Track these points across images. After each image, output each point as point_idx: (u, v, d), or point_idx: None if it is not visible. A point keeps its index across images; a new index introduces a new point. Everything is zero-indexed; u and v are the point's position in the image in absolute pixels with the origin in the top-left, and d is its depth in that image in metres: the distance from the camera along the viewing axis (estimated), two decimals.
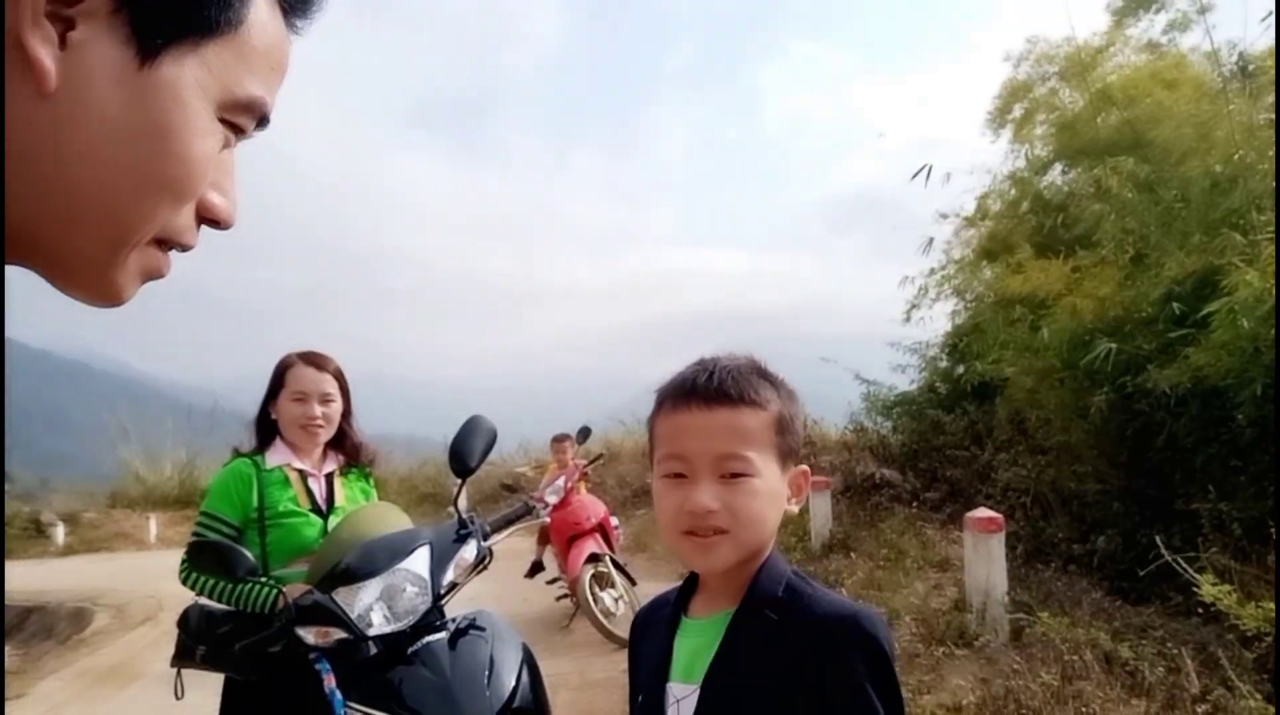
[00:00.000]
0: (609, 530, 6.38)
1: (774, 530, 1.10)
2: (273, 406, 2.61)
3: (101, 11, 0.47)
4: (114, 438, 17.29)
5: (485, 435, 2.28)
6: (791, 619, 1.05)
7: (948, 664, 4.45)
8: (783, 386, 1.13)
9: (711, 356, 1.14)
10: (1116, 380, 6.01)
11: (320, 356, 2.65)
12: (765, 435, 1.07)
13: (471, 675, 2.10)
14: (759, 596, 1.08)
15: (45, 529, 14.94)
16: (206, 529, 2.43)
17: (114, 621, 8.50)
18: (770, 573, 1.10)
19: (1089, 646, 4.04)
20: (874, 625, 1.03)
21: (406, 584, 2.10)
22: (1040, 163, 9.24)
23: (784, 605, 1.07)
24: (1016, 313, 7.34)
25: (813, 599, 1.07)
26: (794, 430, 1.11)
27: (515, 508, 2.67)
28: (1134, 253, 6.53)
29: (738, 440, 1.06)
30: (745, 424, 1.06)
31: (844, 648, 1.01)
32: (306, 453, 2.62)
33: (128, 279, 0.54)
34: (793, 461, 1.11)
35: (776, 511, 1.10)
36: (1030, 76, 9.24)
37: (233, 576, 2.13)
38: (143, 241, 0.53)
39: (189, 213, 0.55)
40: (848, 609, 1.05)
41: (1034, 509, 7.09)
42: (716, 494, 1.05)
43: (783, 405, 1.10)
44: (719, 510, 1.05)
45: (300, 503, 2.54)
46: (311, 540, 2.50)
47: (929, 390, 10.50)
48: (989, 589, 4.87)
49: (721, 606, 1.12)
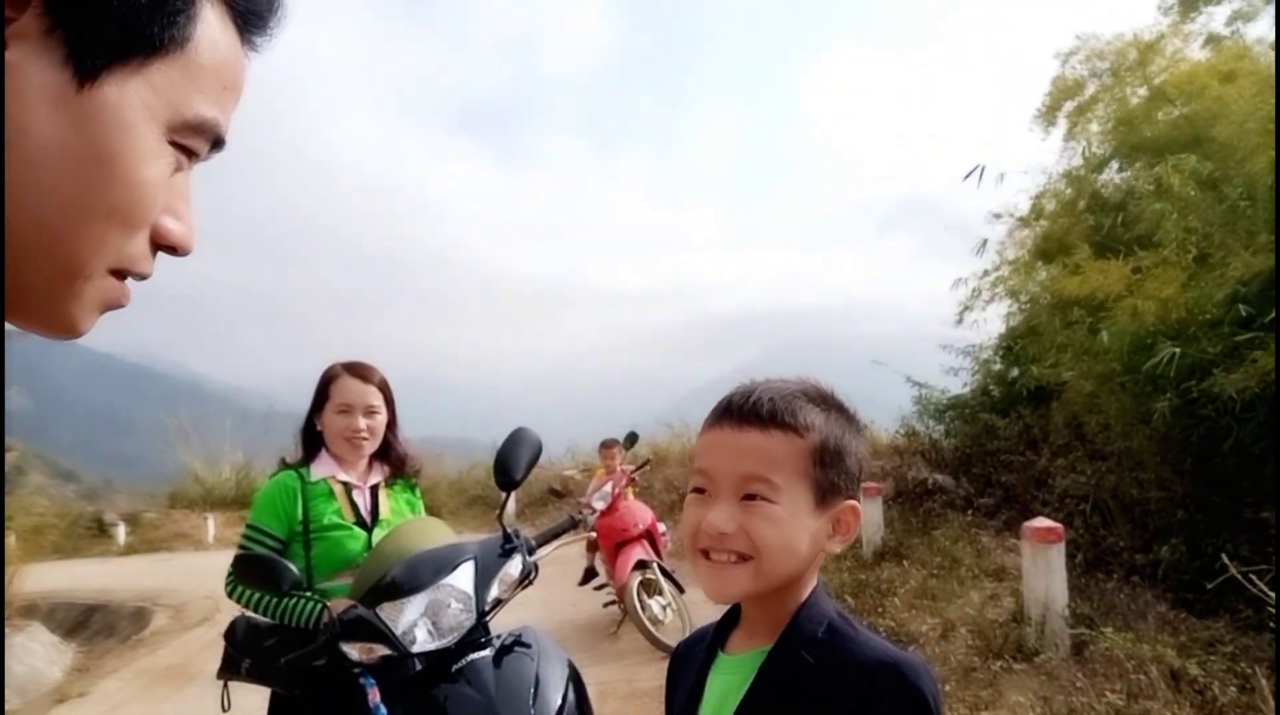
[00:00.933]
0: (656, 536, 6.34)
1: (801, 565, 1.03)
2: (318, 418, 2.60)
3: (33, 32, 0.45)
4: (174, 439, 17.71)
5: (530, 447, 2.25)
6: (829, 663, 0.99)
7: (1006, 679, 4.32)
8: (836, 416, 1.05)
9: (765, 379, 1.08)
10: (1180, 385, 5.81)
11: (365, 367, 2.63)
12: (797, 463, 1.00)
13: (517, 694, 2.07)
14: (797, 636, 1.02)
15: (108, 528, 15.36)
16: (253, 542, 2.44)
17: (172, 622, 8.69)
18: (812, 611, 1.04)
19: (1155, 663, 3.89)
20: (918, 676, 0.96)
21: (451, 600, 2.08)
22: (1096, 161, 9.01)
23: (823, 648, 1.00)
24: (1074, 315, 7.15)
25: (855, 643, 1.01)
26: (841, 464, 1.03)
27: (561, 522, 2.64)
28: (1197, 253, 6.32)
29: (762, 463, 1.00)
30: (773, 448, 1.00)
31: (883, 697, 0.95)
32: (351, 465, 2.61)
33: (83, 311, 0.51)
34: (838, 496, 1.03)
35: (806, 545, 1.02)
36: (1081, 73, 9.03)
37: (278, 591, 2.12)
38: (96, 273, 0.50)
39: (142, 241, 0.52)
40: (890, 656, 0.98)
41: (1093, 517, 6.89)
42: (733, 515, 1.00)
43: (829, 435, 1.03)
44: (734, 533, 0.99)
45: (345, 516, 2.53)
46: (356, 554, 2.49)
47: (982, 393, 10.29)
48: (1048, 601, 4.72)
49: (758, 643, 1.06)
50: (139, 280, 0.54)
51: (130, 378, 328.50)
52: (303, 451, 2.63)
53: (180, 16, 0.50)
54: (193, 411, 19.12)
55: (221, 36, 0.53)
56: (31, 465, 24.93)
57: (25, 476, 16.80)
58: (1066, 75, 9.16)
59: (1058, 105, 9.33)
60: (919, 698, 0.95)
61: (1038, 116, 9.50)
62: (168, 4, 0.49)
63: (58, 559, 12.39)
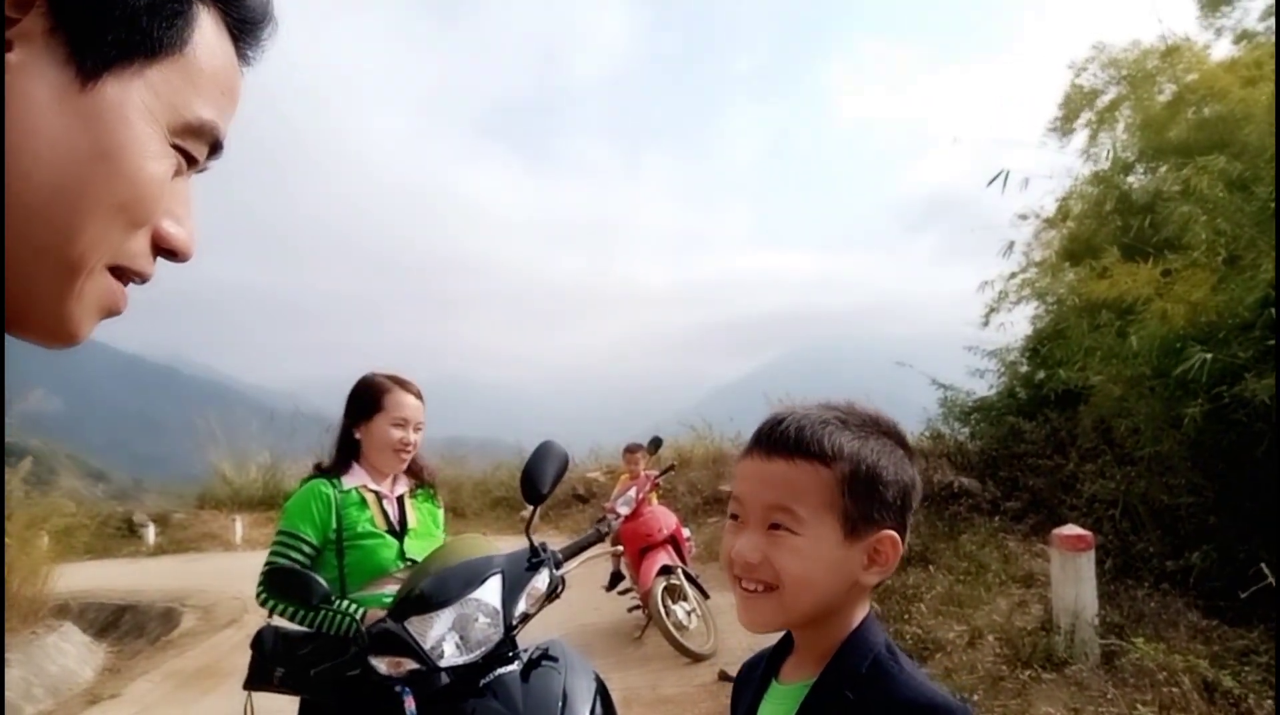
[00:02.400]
0: (681, 542, 6.33)
1: (831, 598, 1.00)
2: (360, 427, 2.65)
3: (37, 32, 0.46)
4: (202, 440, 17.88)
5: (557, 461, 2.26)
6: (869, 702, 0.97)
7: (1034, 689, 4.27)
8: (875, 442, 1.02)
9: (805, 405, 1.06)
10: (1211, 389, 5.73)
11: (412, 383, 2.71)
12: (824, 493, 0.98)
13: (544, 708, 2.08)
14: (840, 671, 1.01)
15: (137, 529, 15.52)
16: (288, 548, 2.47)
17: (201, 623, 8.78)
18: (858, 644, 1.02)
19: (1187, 674, 3.84)
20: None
21: (479, 614, 2.09)
22: (1122, 163, 8.92)
23: (865, 684, 0.98)
24: (1102, 318, 7.07)
25: (896, 682, 0.98)
26: (875, 492, 1.00)
27: (587, 535, 2.65)
28: (1227, 255, 6.23)
29: (785, 493, 0.99)
30: (798, 478, 0.99)
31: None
32: (385, 476, 2.67)
33: (84, 313, 0.52)
34: (871, 527, 1.00)
35: (835, 579, 0.99)
36: (1101, 80, 8.98)
37: (308, 604, 2.14)
38: (96, 267, 0.51)
39: (144, 240, 0.53)
40: (930, 700, 0.95)
41: (1123, 522, 6.80)
42: (758, 545, 0.99)
43: (860, 463, 1.00)
44: (759, 563, 0.99)
45: (377, 524, 2.58)
46: (389, 561, 2.54)
47: (1009, 396, 10.18)
48: (1078, 610, 4.67)
49: (805, 674, 1.05)
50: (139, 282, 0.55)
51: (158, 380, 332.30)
52: (338, 460, 2.67)
53: (178, 20, 0.52)
54: (220, 413, 19.32)
55: (217, 43, 0.55)
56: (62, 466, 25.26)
57: (56, 477, 17.05)
58: (1080, 85, 9.12)
59: (1072, 116, 9.28)
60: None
61: (1052, 127, 9.48)
62: (165, 7, 0.51)
63: (89, 559, 12.55)
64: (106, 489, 25.46)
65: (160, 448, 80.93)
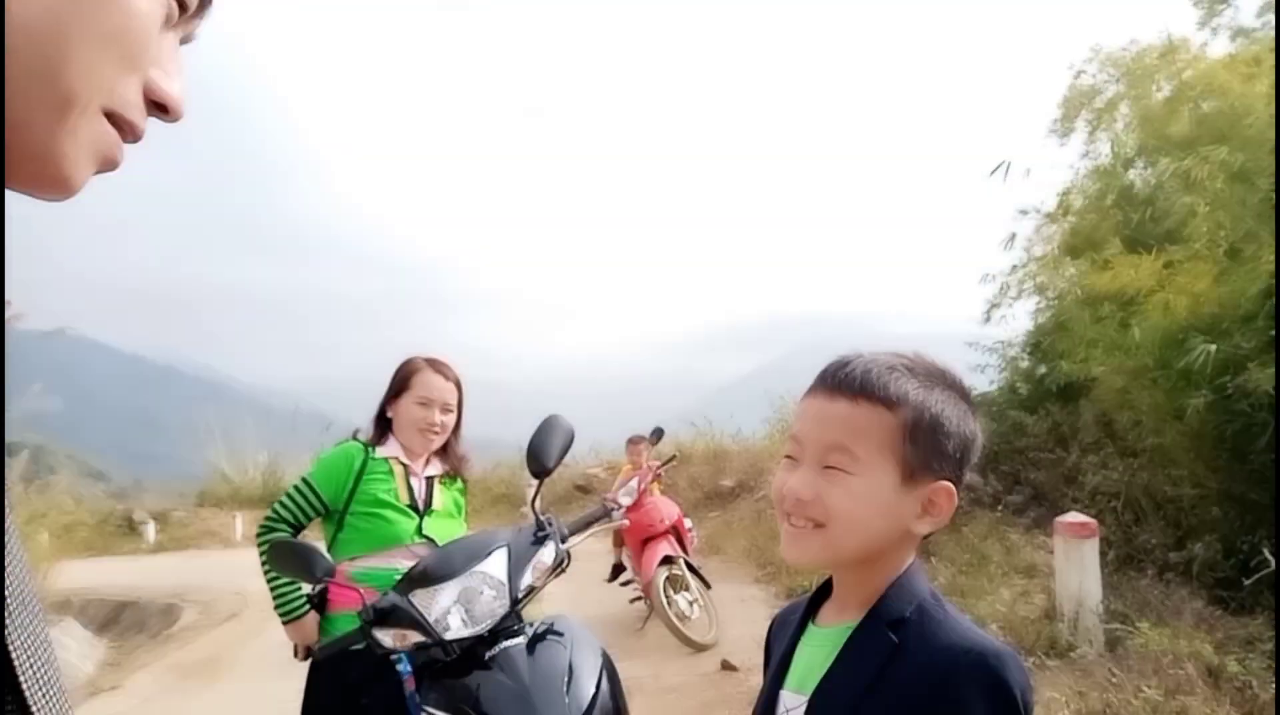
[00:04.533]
0: (683, 532, 6.33)
1: (880, 541, 1.00)
2: (392, 406, 2.71)
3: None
4: (201, 439, 17.86)
5: (563, 435, 2.25)
6: (913, 644, 0.96)
7: (1039, 675, 4.26)
8: (940, 392, 1.01)
9: (873, 352, 1.05)
10: (1214, 380, 5.73)
11: (445, 365, 2.75)
12: (885, 437, 0.98)
13: (550, 682, 2.06)
14: (884, 614, 1.00)
15: (137, 527, 15.50)
16: (296, 498, 2.57)
17: (201, 618, 8.76)
18: (903, 590, 1.01)
19: (1191, 659, 3.83)
20: (1004, 665, 0.92)
21: (484, 587, 2.08)
22: (1122, 158, 8.93)
23: (909, 627, 0.98)
24: (1104, 310, 7.07)
25: (941, 626, 0.97)
26: (937, 443, 0.99)
27: (593, 510, 2.64)
28: (1229, 246, 6.23)
29: (845, 433, 0.98)
30: (861, 419, 0.98)
31: (963, 686, 0.91)
32: (415, 455, 2.72)
33: (79, 154, 0.50)
34: (929, 476, 0.99)
35: (887, 523, 0.99)
36: (1096, 82, 8.99)
37: (310, 577, 2.13)
38: (90, 106, 0.49)
39: (135, 88, 0.51)
40: (976, 643, 0.94)
41: (1125, 514, 6.79)
42: (812, 483, 0.99)
43: (925, 411, 0.99)
44: (811, 501, 0.98)
45: (399, 497, 2.63)
46: (404, 534, 2.59)
47: (1010, 391, 10.19)
48: (1082, 597, 4.67)
49: (847, 618, 1.04)
50: (132, 140, 0.53)
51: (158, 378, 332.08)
52: (375, 434, 2.74)
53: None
54: (219, 411, 19.29)
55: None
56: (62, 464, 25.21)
57: (56, 475, 17.03)
58: (1082, 83, 9.14)
59: (1075, 110, 9.29)
60: (1002, 689, 0.91)
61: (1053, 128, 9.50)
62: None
63: (89, 556, 12.53)
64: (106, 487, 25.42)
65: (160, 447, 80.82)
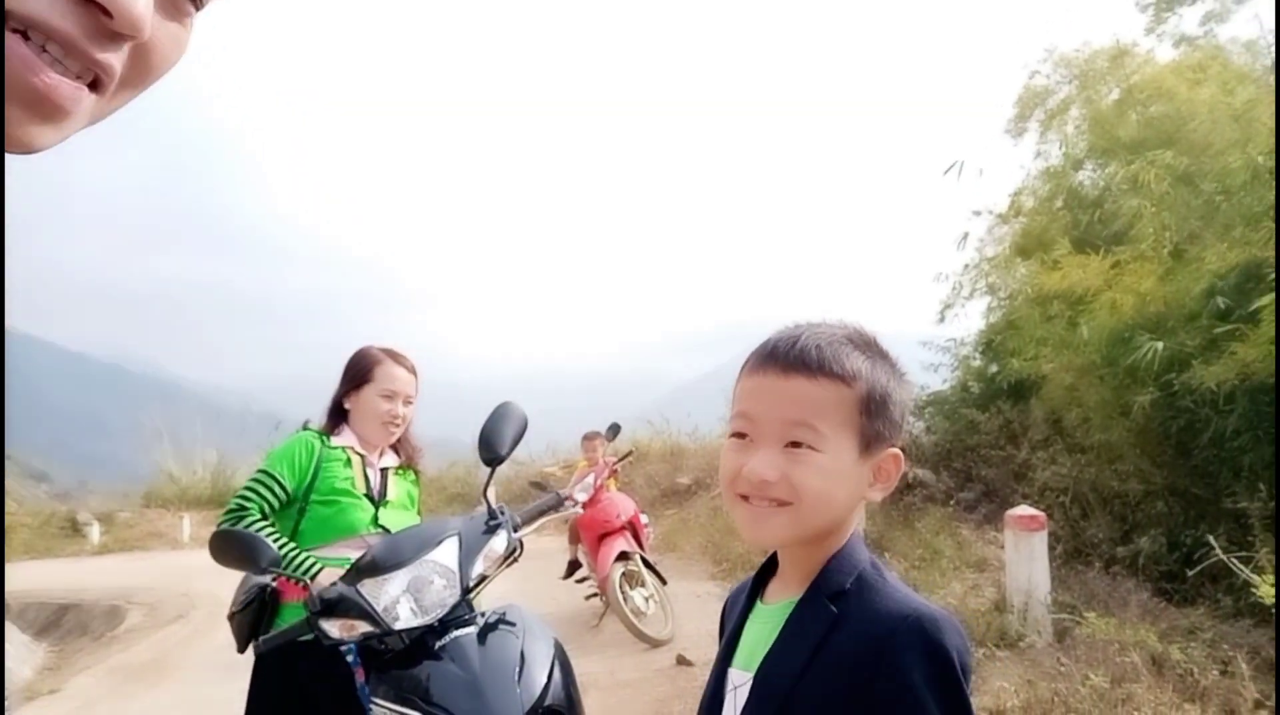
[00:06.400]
0: (639, 528, 6.30)
1: (843, 514, 1.02)
2: (351, 397, 2.66)
3: None
4: (148, 439, 17.48)
5: (516, 422, 2.22)
6: (852, 614, 0.96)
7: (989, 666, 4.32)
8: (881, 364, 1.03)
9: (808, 322, 1.06)
10: (1160, 377, 5.86)
11: (404, 357, 2.71)
12: (843, 412, 0.99)
13: (502, 671, 2.03)
14: (825, 586, 1.00)
15: (81, 528, 15.11)
16: (261, 486, 2.47)
17: (146, 619, 8.55)
18: (843, 561, 1.01)
19: (1137, 648, 3.91)
20: (939, 629, 0.92)
21: (434, 576, 2.04)
22: (1073, 160, 9.11)
23: (849, 598, 0.98)
24: (1054, 309, 7.21)
25: (880, 594, 0.98)
26: (887, 413, 1.01)
27: (547, 498, 2.62)
28: (1174, 247, 6.38)
29: (808, 410, 0.98)
30: (820, 396, 0.98)
31: (900, 651, 0.91)
32: (372, 446, 2.68)
33: None
34: (881, 444, 1.01)
35: (847, 494, 1.00)
36: (1049, 82, 9.16)
37: (255, 567, 2.07)
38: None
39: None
40: (914, 609, 0.95)
41: (1073, 509, 6.93)
42: (776, 463, 0.98)
43: (875, 383, 1.01)
44: (777, 481, 0.97)
45: (356, 485, 2.58)
46: (361, 524, 2.54)
47: (962, 389, 10.35)
48: (1031, 589, 4.74)
49: (791, 593, 1.04)
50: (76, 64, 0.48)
51: (104, 377, 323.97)
52: (328, 424, 2.69)
53: None
54: (167, 411, 18.88)
55: None
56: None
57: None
58: (1034, 85, 9.30)
59: (1029, 110, 9.45)
60: (939, 652, 0.91)
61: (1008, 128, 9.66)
62: None
63: (29, 559, 12.19)
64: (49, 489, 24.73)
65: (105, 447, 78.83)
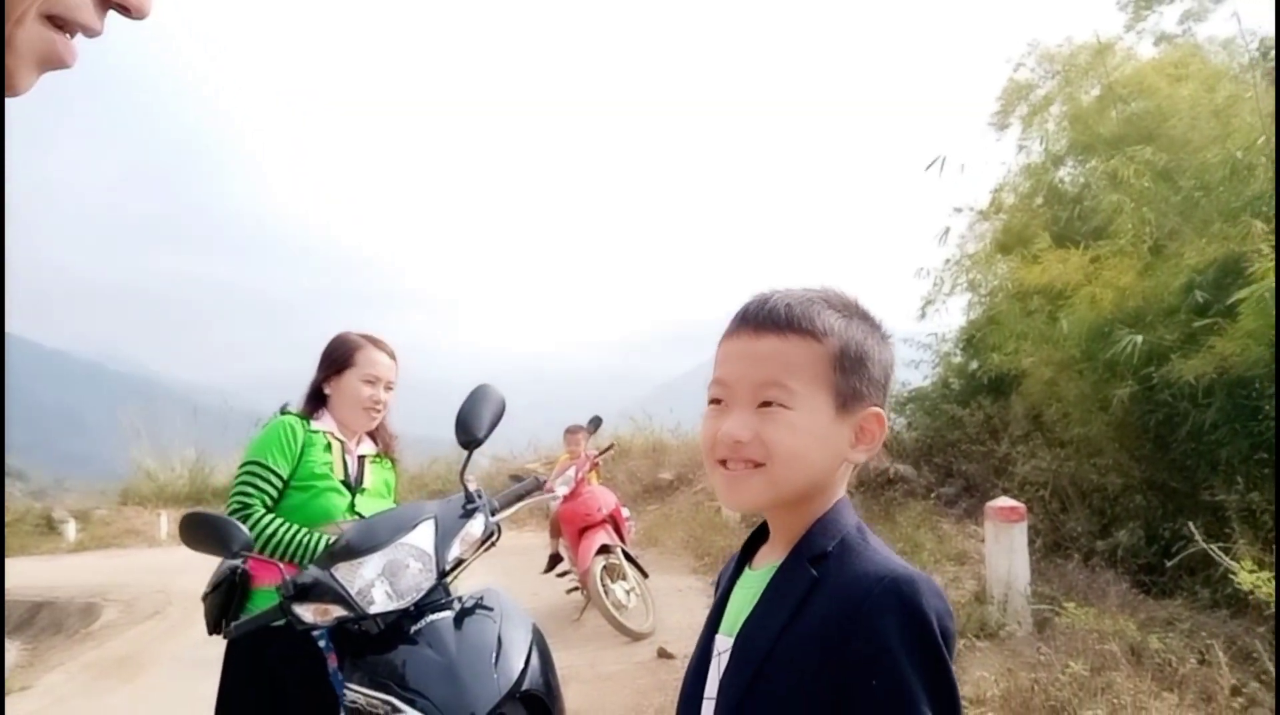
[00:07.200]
0: (620, 521, 6.28)
1: (822, 475, 0.99)
2: (331, 382, 2.61)
3: None
4: (126, 437, 17.35)
5: (494, 405, 2.19)
6: (831, 577, 0.94)
7: (969, 656, 4.33)
8: (859, 323, 1.01)
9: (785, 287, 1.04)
10: (1139, 371, 5.89)
11: (384, 342, 2.67)
12: (816, 368, 0.97)
13: (478, 656, 2.00)
14: (806, 549, 0.98)
15: (57, 526, 14.98)
16: (257, 477, 2.39)
17: (122, 616, 8.47)
18: (828, 525, 0.99)
19: (1116, 638, 3.92)
20: (916, 591, 0.89)
21: (410, 559, 2.01)
22: (1053, 156, 9.16)
23: (829, 561, 0.96)
24: (1034, 304, 7.23)
25: (860, 557, 0.95)
26: (864, 370, 0.99)
27: (525, 483, 2.59)
28: (1153, 242, 6.42)
29: (779, 368, 0.96)
30: (791, 353, 0.97)
31: (875, 614, 0.88)
32: (351, 432, 2.64)
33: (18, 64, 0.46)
34: (860, 403, 0.99)
35: (826, 454, 0.98)
36: (1033, 77, 9.21)
37: (226, 552, 2.03)
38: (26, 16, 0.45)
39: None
40: (891, 570, 0.92)
41: (1053, 502, 6.97)
42: (749, 423, 0.96)
43: (849, 340, 0.99)
44: (749, 441, 0.95)
45: (335, 471, 2.54)
46: (338, 510, 2.49)
47: (943, 385, 10.41)
48: (1011, 580, 4.76)
49: (776, 558, 1.02)
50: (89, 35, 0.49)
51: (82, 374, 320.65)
52: (306, 409, 2.63)
53: None
54: (146, 408, 18.74)
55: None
56: None
57: None
58: (1017, 79, 9.35)
59: (1012, 105, 9.50)
60: (916, 615, 0.88)
61: (991, 121, 9.70)
62: None
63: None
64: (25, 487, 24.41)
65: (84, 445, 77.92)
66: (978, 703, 3.73)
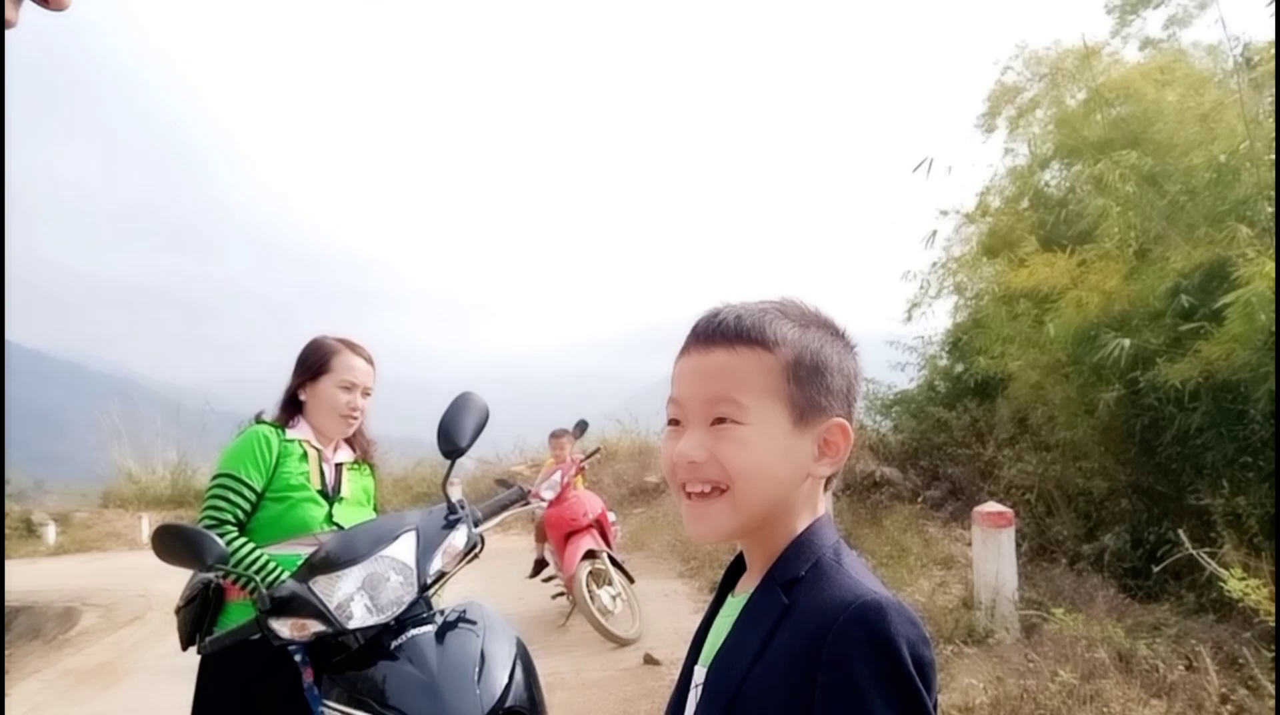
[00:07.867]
0: (606, 526, 6.23)
1: (786, 492, 0.94)
2: (307, 388, 2.53)
3: None
4: (106, 439, 17.16)
5: (477, 413, 2.14)
6: (801, 604, 0.89)
7: (957, 662, 4.30)
8: (816, 331, 0.96)
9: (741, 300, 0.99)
10: (1125, 375, 5.89)
11: (363, 347, 2.60)
12: (769, 380, 0.92)
13: (461, 671, 1.95)
14: (779, 575, 0.93)
15: (36, 529, 14.82)
16: (230, 491, 2.32)
17: (102, 621, 8.36)
18: (802, 548, 0.94)
19: (1104, 644, 3.91)
20: (884, 617, 0.83)
21: (390, 572, 1.96)
22: (1040, 159, 9.18)
23: (801, 586, 0.91)
24: (1020, 307, 7.24)
25: (830, 581, 0.90)
26: (821, 380, 0.94)
27: (509, 493, 2.54)
28: (1138, 246, 6.43)
29: (728, 383, 0.92)
30: (741, 366, 0.92)
31: (840, 643, 0.83)
32: (328, 439, 2.56)
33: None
34: (820, 415, 0.94)
35: (786, 469, 0.92)
36: (1020, 80, 9.23)
37: (200, 565, 1.97)
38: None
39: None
40: (859, 595, 0.86)
41: (1039, 506, 6.97)
42: (703, 442, 0.92)
43: (804, 349, 0.94)
44: (705, 461, 0.91)
45: (311, 481, 2.46)
46: (314, 521, 2.42)
47: (929, 388, 10.41)
48: (998, 585, 4.73)
49: (754, 584, 0.97)
50: None
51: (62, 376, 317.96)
52: (282, 416, 2.55)
53: None
54: (126, 410, 18.53)
55: None
56: None
57: None
58: (1005, 82, 9.37)
59: (999, 107, 9.52)
60: (884, 643, 0.82)
61: (978, 123, 9.72)
62: None
63: None
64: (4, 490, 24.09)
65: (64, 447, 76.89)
66: (966, 710, 3.71)
